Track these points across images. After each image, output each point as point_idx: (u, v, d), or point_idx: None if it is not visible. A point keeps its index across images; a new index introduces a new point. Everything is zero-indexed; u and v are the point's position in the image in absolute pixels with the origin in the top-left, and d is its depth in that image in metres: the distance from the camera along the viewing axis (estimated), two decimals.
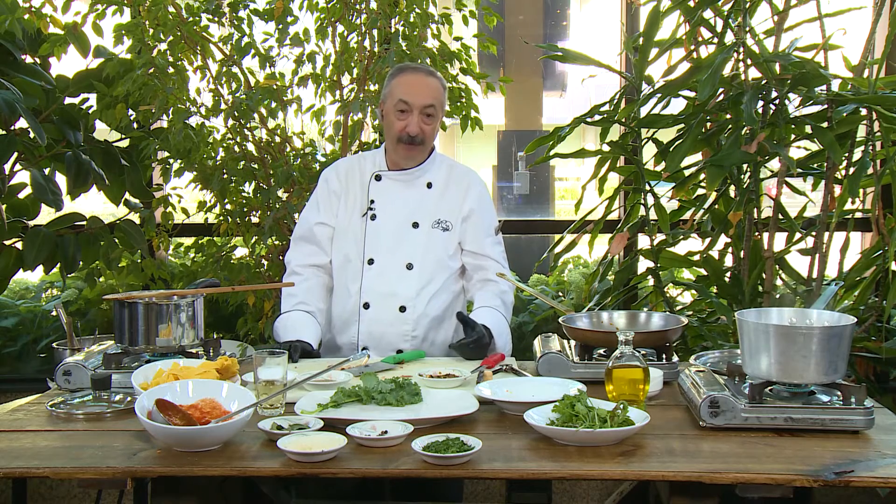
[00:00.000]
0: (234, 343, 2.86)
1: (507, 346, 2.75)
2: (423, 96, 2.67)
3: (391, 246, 2.76)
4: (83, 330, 3.84)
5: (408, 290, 2.74)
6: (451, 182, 2.82)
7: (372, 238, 2.77)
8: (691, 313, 3.35)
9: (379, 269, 2.75)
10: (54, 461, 1.80)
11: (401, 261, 2.75)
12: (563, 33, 4.59)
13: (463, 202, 2.81)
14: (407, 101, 2.67)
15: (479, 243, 2.82)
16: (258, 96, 3.29)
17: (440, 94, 2.73)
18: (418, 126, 2.68)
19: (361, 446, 1.83)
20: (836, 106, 2.97)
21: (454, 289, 2.83)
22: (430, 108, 2.69)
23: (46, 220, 3.52)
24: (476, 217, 2.81)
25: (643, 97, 3.17)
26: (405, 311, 2.73)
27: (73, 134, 3.50)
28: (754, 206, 3.08)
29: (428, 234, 2.77)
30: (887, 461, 1.74)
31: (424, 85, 2.69)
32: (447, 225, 2.79)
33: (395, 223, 2.77)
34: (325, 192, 2.86)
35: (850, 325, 1.94)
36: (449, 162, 2.90)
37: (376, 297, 2.74)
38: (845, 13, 3.00)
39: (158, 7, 3.23)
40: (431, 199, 2.80)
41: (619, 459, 1.76)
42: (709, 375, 2.08)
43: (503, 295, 2.84)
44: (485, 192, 2.88)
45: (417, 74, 2.72)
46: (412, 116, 2.68)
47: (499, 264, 2.84)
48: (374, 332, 2.74)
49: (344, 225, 2.81)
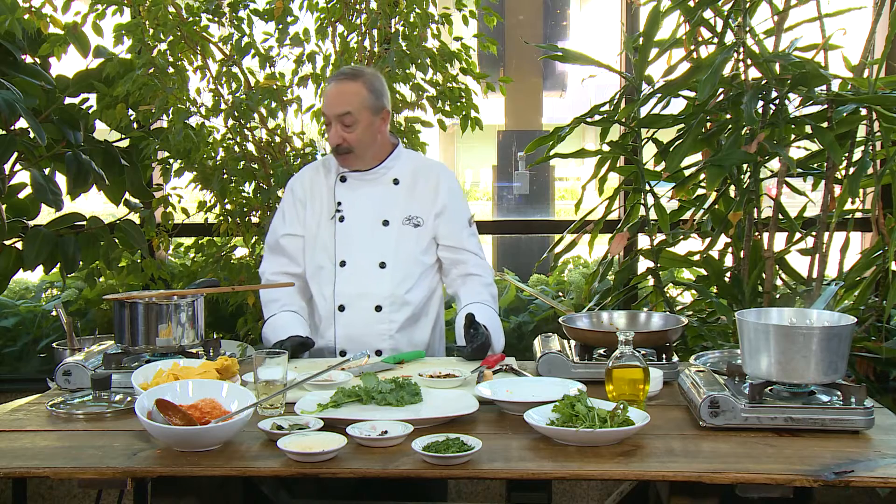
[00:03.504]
0: (234, 343, 2.86)
1: (501, 340, 2.74)
2: (334, 106, 2.64)
3: (362, 246, 2.74)
4: (83, 330, 3.84)
5: (382, 289, 2.72)
6: (419, 177, 2.79)
7: (342, 240, 2.75)
8: (691, 313, 3.35)
9: (351, 271, 2.73)
10: (54, 461, 1.80)
11: (373, 260, 2.73)
12: (563, 33, 4.59)
13: (435, 197, 2.77)
14: (325, 113, 2.68)
15: (456, 237, 2.80)
16: (258, 96, 3.29)
17: (356, 98, 2.64)
18: (338, 136, 2.65)
19: (361, 446, 1.83)
20: (836, 106, 2.97)
21: (429, 285, 2.81)
22: (346, 117, 2.63)
23: (46, 220, 3.52)
24: (450, 211, 2.79)
25: (643, 97, 3.17)
26: (381, 310, 2.72)
27: (73, 134, 3.50)
28: (754, 206, 3.08)
29: (399, 231, 2.75)
30: (887, 461, 1.74)
31: (336, 94, 2.65)
32: (418, 221, 2.76)
33: (365, 223, 2.75)
34: (290, 201, 2.84)
35: (850, 325, 1.94)
36: (415, 156, 2.88)
37: (350, 298, 2.73)
38: (845, 13, 3.00)
39: (158, 7, 3.23)
40: (399, 195, 2.77)
41: (619, 459, 1.76)
42: (709, 375, 2.08)
43: (489, 288, 2.83)
44: (455, 185, 2.85)
45: (335, 83, 2.68)
46: (332, 128, 2.66)
47: (477, 256, 2.82)
48: (351, 334, 2.73)
49: (313, 232, 2.79)
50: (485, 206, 5.89)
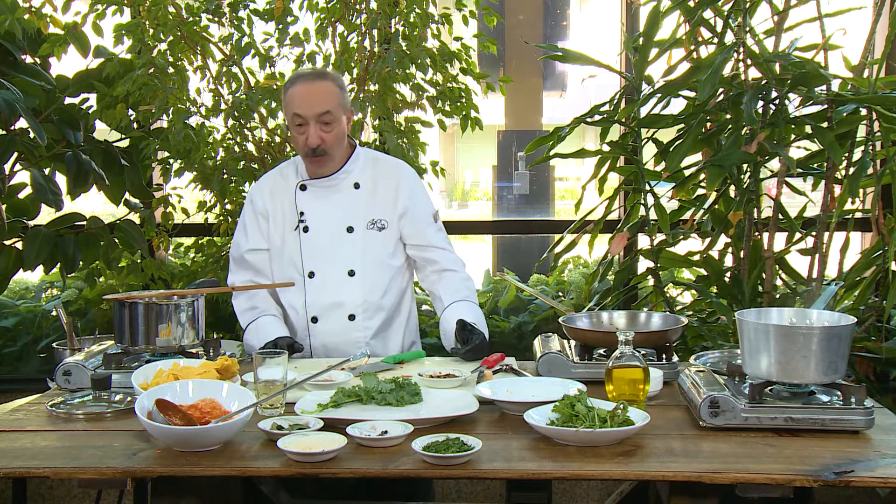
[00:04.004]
0: (234, 343, 2.86)
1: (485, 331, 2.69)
2: (313, 105, 2.57)
3: (329, 255, 2.70)
4: (83, 330, 3.84)
5: (353, 297, 2.70)
6: (379, 179, 2.75)
7: (308, 250, 2.71)
8: (691, 313, 3.35)
9: (321, 281, 2.70)
10: (54, 461, 1.80)
11: (342, 269, 2.70)
12: (563, 33, 4.59)
13: (396, 199, 2.73)
14: (300, 113, 2.59)
15: (422, 235, 2.77)
16: (258, 96, 3.29)
17: (333, 97, 2.61)
18: (317, 137, 2.59)
19: (361, 446, 1.83)
20: (836, 106, 2.97)
21: (400, 287, 2.79)
22: (326, 116, 2.58)
23: (46, 220, 3.51)
24: (412, 210, 2.75)
25: (643, 97, 3.17)
26: (354, 318, 2.70)
27: (73, 134, 3.50)
28: (754, 206, 3.08)
29: (364, 236, 2.72)
30: (887, 461, 1.74)
31: (313, 93, 2.59)
32: (382, 224, 2.72)
33: (329, 231, 2.71)
34: (251, 214, 2.79)
35: (850, 325, 1.94)
36: (373, 157, 2.82)
37: (322, 309, 2.71)
38: (845, 13, 3.00)
39: (158, 7, 3.23)
40: (361, 200, 2.73)
41: (619, 459, 1.76)
42: (709, 375, 2.08)
43: (466, 283, 2.81)
44: (416, 182, 2.82)
45: (305, 83, 2.61)
46: (309, 128, 2.59)
47: (446, 251, 2.80)
48: (326, 343, 2.72)
49: (278, 244, 2.75)
50: (485, 206, 5.89)
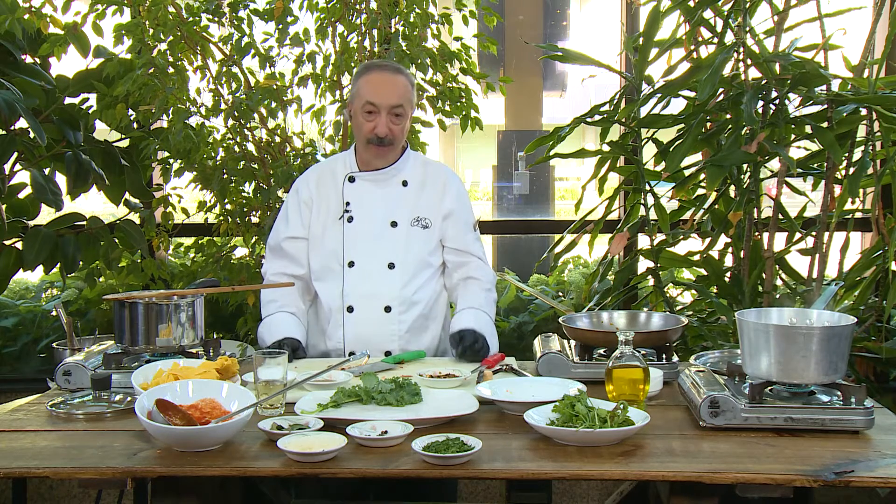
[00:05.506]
0: (234, 343, 2.86)
1: (496, 346, 2.72)
2: (389, 96, 2.62)
3: (371, 247, 2.73)
4: (83, 330, 3.84)
5: (391, 289, 2.71)
6: (427, 179, 2.79)
7: (351, 240, 2.74)
8: (691, 313, 3.35)
9: (360, 271, 2.72)
10: (54, 461, 1.80)
11: (382, 261, 2.72)
12: (563, 33, 4.59)
13: (442, 200, 2.78)
14: (374, 102, 2.62)
15: (462, 240, 2.80)
16: (258, 96, 3.29)
17: (408, 93, 2.67)
18: (386, 127, 2.63)
19: (361, 446, 1.83)
20: (836, 106, 2.97)
21: (436, 287, 2.81)
22: (399, 108, 2.64)
23: (46, 220, 3.51)
24: (456, 215, 2.80)
25: (643, 97, 3.17)
26: (390, 311, 2.71)
27: (73, 134, 3.50)
28: (754, 206, 3.08)
29: (407, 232, 2.75)
30: (887, 461, 1.75)
31: (391, 84, 2.63)
32: (426, 222, 2.76)
33: (374, 223, 2.74)
34: (294, 203, 2.82)
35: (850, 325, 1.94)
36: (423, 159, 2.88)
37: (360, 299, 2.72)
38: (845, 13, 3.00)
39: (158, 7, 3.23)
40: (408, 197, 2.77)
41: (619, 459, 1.76)
42: (709, 375, 2.08)
43: (488, 293, 2.83)
44: (462, 189, 2.86)
45: (383, 73, 2.66)
46: (380, 117, 2.63)
47: (480, 260, 2.84)
48: (360, 334, 2.71)
49: (319, 233, 2.77)
50: (485, 206, 5.89)
